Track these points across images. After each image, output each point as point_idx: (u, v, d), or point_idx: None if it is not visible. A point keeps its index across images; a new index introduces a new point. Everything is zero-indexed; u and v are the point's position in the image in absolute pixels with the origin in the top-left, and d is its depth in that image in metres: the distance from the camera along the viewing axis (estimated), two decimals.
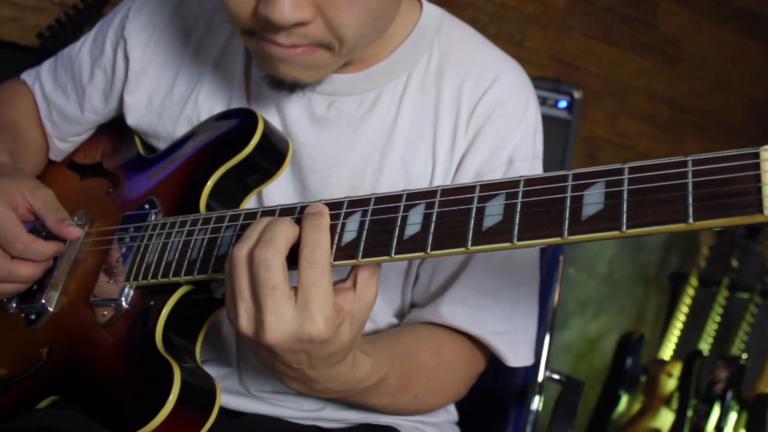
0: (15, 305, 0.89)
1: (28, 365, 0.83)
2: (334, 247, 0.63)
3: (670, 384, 2.42)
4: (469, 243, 0.56)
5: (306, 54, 0.72)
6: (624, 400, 2.43)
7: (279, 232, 0.61)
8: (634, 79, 3.06)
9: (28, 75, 1.07)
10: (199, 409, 0.71)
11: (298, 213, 0.67)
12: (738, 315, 2.53)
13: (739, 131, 3.33)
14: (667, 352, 2.60)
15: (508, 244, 0.55)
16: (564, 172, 0.55)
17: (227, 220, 0.73)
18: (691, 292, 2.62)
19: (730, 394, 2.27)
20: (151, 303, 0.76)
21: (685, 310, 2.62)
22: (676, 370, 2.43)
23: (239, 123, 0.85)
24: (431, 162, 0.86)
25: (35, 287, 0.87)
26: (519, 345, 0.87)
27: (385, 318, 0.91)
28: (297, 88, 0.78)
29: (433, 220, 0.59)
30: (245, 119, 0.85)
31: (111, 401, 0.74)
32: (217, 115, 0.89)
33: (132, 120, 0.96)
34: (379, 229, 0.62)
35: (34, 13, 2.05)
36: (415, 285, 0.91)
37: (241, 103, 0.90)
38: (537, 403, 1.14)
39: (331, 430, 0.89)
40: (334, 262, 0.62)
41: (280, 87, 0.77)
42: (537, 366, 1.14)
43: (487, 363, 0.91)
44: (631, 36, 3.02)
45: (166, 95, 0.93)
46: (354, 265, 0.64)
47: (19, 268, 0.80)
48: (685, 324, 2.62)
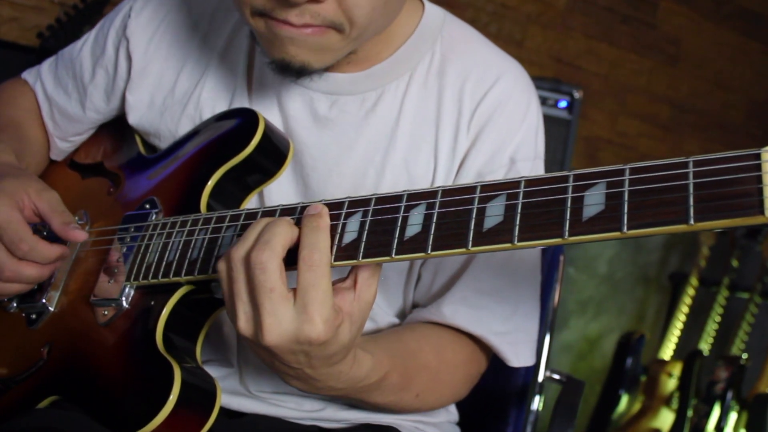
0: (16, 305, 0.89)
1: (29, 365, 0.83)
2: (335, 248, 0.63)
3: (671, 384, 2.42)
4: (470, 243, 0.56)
5: (316, 35, 0.72)
6: (624, 400, 2.43)
7: (276, 233, 0.61)
8: (635, 79, 3.06)
9: (29, 74, 1.07)
10: (200, 409, 0.71)
11: (299, 213, 0.67)
12: (738, 315, 2.52)
13: (740, 131, 3.33)
14: (667, 352, 2.60)
15: (509, 245, 0.55)
16: (565, 173, 0.55)
17: (228, 220, 0.73)
18: (691, 292, 2.62)
19: (730, 394, 2.26)
20: (152, 303, 0.76)
21: (685, 310, 2.62)
22: (677, 370, 2.42)
23: (240, 123, 0.85)
24: (433, 162, 0.86)
25: (36, 287, 0.87)
26: (520, 345, 0.87)
27: (386, 318, 0.91)
28: (304, 74, 0.77)
29: (434, 220, 0.59)
30: (246, 119, 0.85)
31: (111, 401, 0.74)
32: (218, 115, 0.89)
33: (134, 119, 0.96)
34: (380, 229, 0.62)
35: (34, 13, 2.05)
36: (417, 285, 0.91)
37: (243, 95, 0.90)
38: (537, 403, 1.14)
39: (332, 430, 0.89)
40: (335, 262, 0.62)
41: (286, 72, 0.76)
42: (537, 366, 1.14)
43: (488, 363, 0.91)
44: (631, 36, 3.02)
45: (168, 94, 0.93)
46: (354, 265, 0.64)
47: (24, 269, 0.80)
48: (685, 324, 2.62)
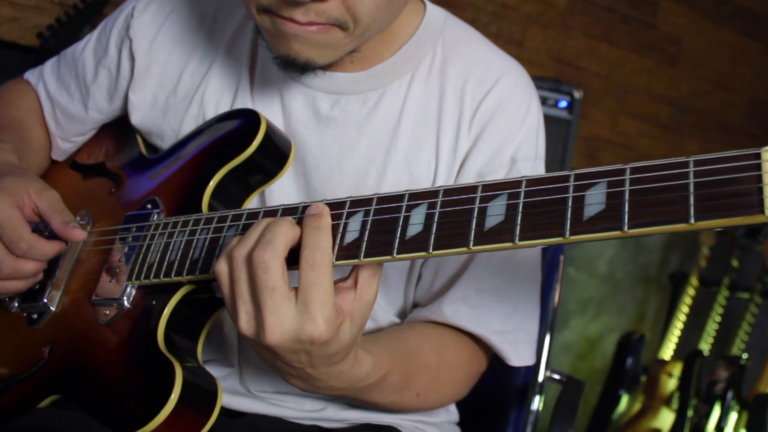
0: (17, 305, 0.89)
1: (30, 364, 0.83)
2: (336, 247, 0.63)
3: (671, 384, 2.42)
4: (471, 243, 0.57)
5: (321, 32, 0.72)
6: (624, 400, 2.43)
7: (278, 233, 0.61)
8: (635, 78, 3.06)
9: (31, 74, 1.07)
10: (201, 408, 0.71)
11: (301, 213, 0.67)
12: (738, 315, 2.52)
13: (740, 131, 3.33)
14: (667, 352, 2.60)
15: (510, 244, 0.55)
16: (566, 173, 0.55)
17: (229, 219, 0.73)
18: (691, 291, 2.62)
19: (730, 394, 2.26)
20: (153, 302, 0.76)
21: (685, 310, 2.62)
22: (677, 370, 2.42)
23: (242, 124, 0.85)
24: (434, 161, 0.86)
25: (37, 287, 0.87)
26: (521, 344, 0.87)
27: (387, 317, 0.91)
28: (308, 70, 0.77)
29: (435, 220, 0.59)
30: (248, 120, 0.85)
31: (112, 400, 0.74)
32: (220, 116, 0.89)
33: (136, 119, 0.96)
34: (382, 229, 0.62)
35: (34, 13, 2.05)
36: (418, 284, 0.91)
37: (246, 92, 0.90)
38: (537, 403, 1.14)
39: (332, 430, 0.89)
40: (336, 261, 0.62)
41: (290, 68, 0.77)
42: (537, 366, 1.14)
43: (488, 362, 0.91)
44: (632, 36, 3.02)
45: (171, 93, 0.93)
46: (355, 265, 0.64)
47: (23, 265, 0.80)
48: (685, 324, 2.62)
